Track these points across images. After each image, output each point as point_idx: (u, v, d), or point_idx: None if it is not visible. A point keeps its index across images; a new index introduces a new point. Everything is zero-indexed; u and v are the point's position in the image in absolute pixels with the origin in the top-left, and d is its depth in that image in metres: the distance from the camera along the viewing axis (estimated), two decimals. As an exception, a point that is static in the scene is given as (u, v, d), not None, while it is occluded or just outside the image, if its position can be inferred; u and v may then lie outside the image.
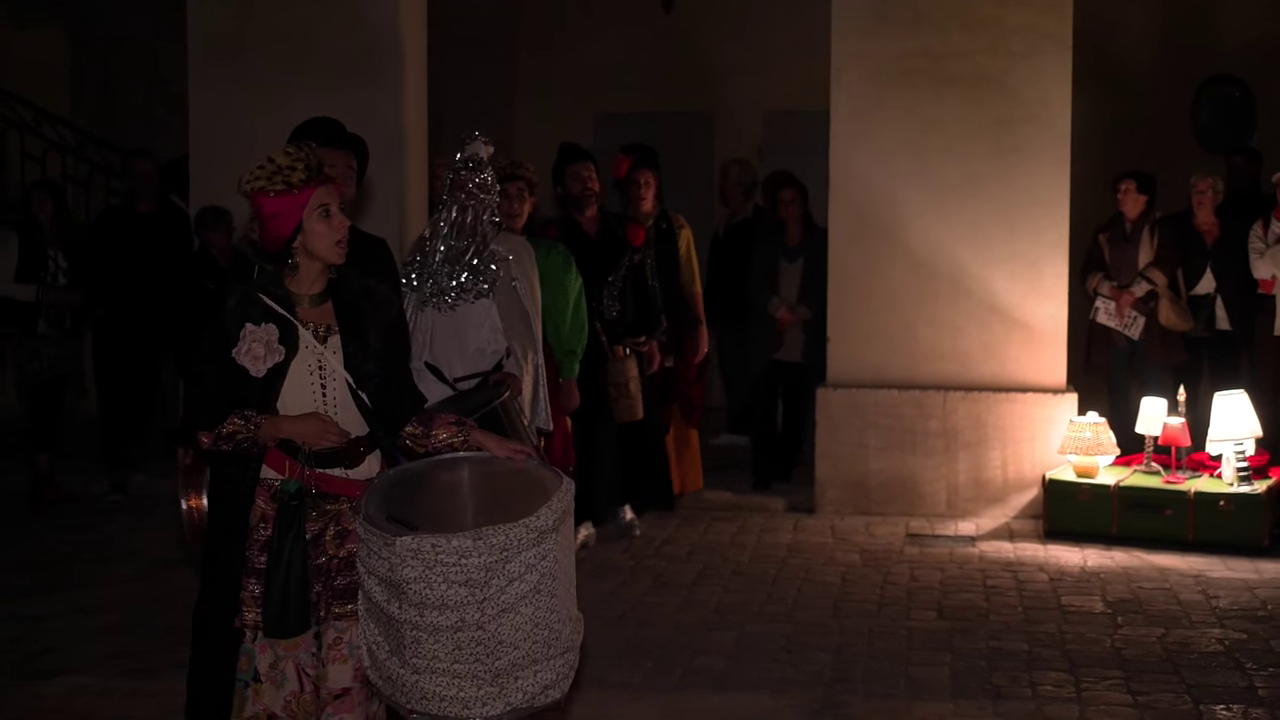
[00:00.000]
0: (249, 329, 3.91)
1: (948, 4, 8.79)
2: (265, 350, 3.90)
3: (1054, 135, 8.77)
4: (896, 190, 8.89)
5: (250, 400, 3.90)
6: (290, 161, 3.91)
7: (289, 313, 3.96)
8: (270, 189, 3.88)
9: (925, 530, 8.56)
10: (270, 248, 3.96)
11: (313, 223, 3.93)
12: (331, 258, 3.98)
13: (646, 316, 8.23)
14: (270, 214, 3.89)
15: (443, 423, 4.10)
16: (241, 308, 3.95)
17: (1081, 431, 8.34)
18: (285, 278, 4.00)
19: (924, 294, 8.90)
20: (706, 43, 13.12)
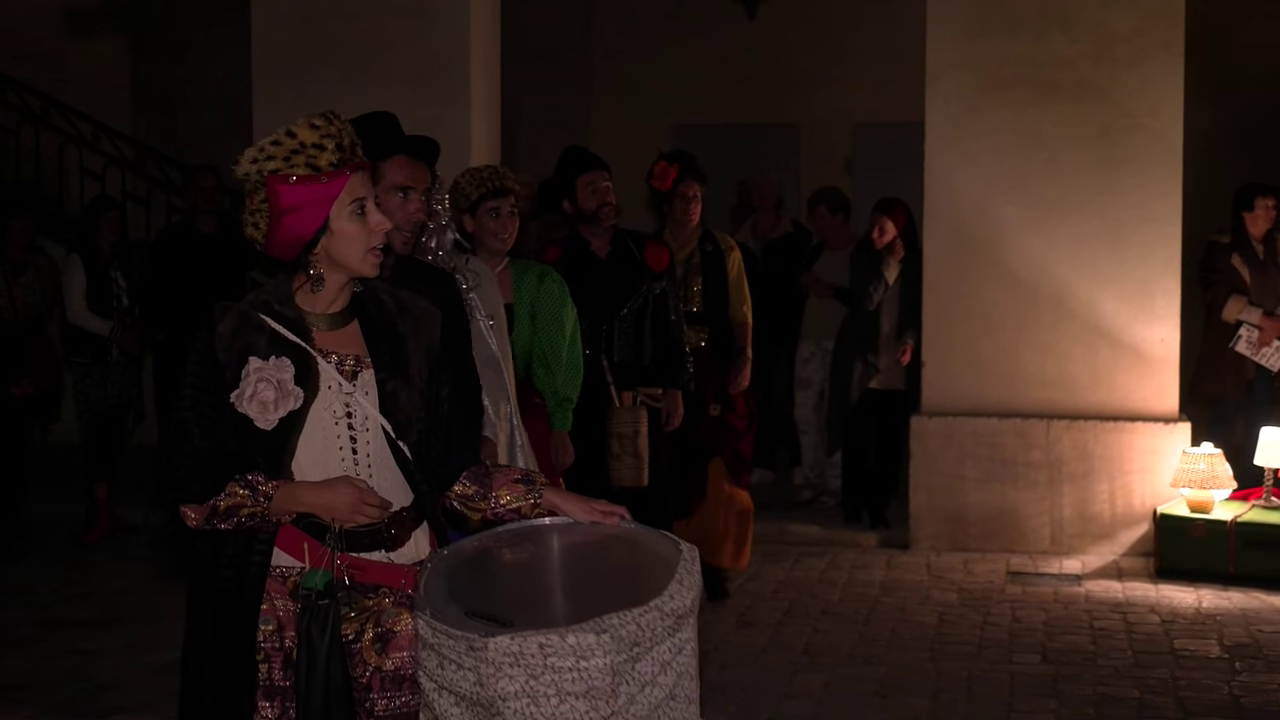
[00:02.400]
0: (253, 365, 3.15)
1: (1050, 9, 8.74)
2: (276, 393, 3.15)
3: (1164, 146, 8.69)
4: (995, 206, 8.83)
5: (254, 460, 3.14)
6: (317, 138, 3.17)
7: (303, 340, 3.21)
8: (290, 173, 3.14)
9: (1028, 568, 8.48)
10: (280, 252, 3.22)
11: (343, 222, 3.19)
12: (362, 269, 3.24)
13: (668, 361, 7.15)
14: (288, 207, 3.15)
15: (505, 481, 3.39)
16: (240, 334, 3.18)
17: (1196, 463, 8.23)
18: (295, 293, 3.26)
19: (1025, 316, 8.83)
20: (792, 51, 13.12)
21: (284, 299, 3.26)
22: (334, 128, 3.19)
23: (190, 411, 3.15)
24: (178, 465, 3.16)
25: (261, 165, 3.16)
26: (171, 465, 3.17)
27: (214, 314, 3.24)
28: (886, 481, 9.36)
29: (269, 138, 3.20)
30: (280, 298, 3.26)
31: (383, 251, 3.26)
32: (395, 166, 4.08)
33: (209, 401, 3.15)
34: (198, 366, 3.19)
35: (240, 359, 3.16)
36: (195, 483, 3.14)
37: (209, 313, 3.25)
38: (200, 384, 3.17)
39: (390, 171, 4.06)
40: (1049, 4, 8.74)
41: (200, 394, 3.16)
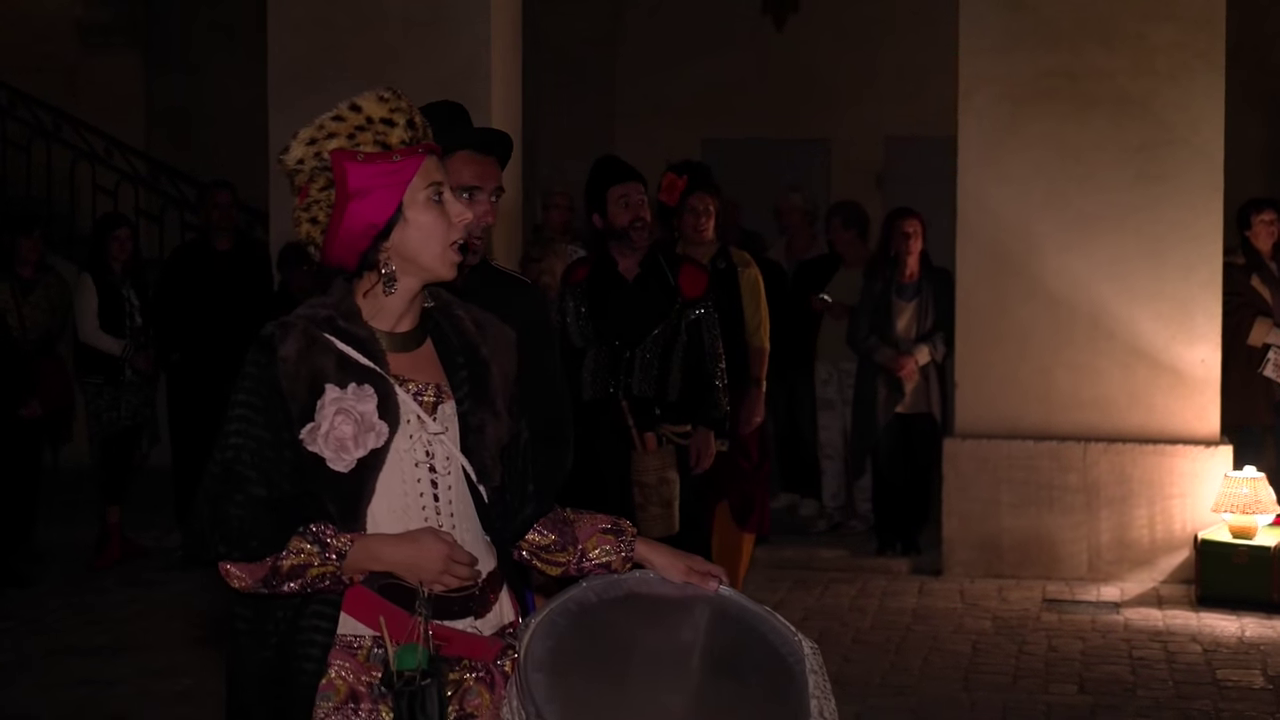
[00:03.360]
0: (331, 395, 2.71)
1: (1087, 20, 8.73)
2: (356, 429, 2.70)
3: (1205, 162, 8.66)
4: (1030, 223, 8.81)
5: (321, 509, 2.71)
6: (386, 111, 2.77)
7: (377, 364, 2.77)
8: (356, 150, 2.74)
9: (1064, 595, 8.44)
10: (341, 251, 2.78)
11: (418, 210, 2.76)
12: (440, 269, 2.80)
13: (700, 396, 6.52)
14: (357, 189, 2.72)
15: (592, 530, 3.02)
16: (307, 358, 2.74)
17: (1238, 487, 8.20)
18: (361, 305, 2.82)
19: (1061, 336, 8.81)
20: (821, 63, 13.15)
21: (349, 313, 2.80)
22: (403, 103, 2.81)
23: (243, 450, 2.70)
24: (227, 516, 2.67)
25: (321, 145, 2.75)
26: (220, 516, 2.68)
27: (271, 333, 2.77)
28: (918, 508, 9.33)
29: (328, 113, 2.79)
30: (345, 312, 2.80)
31: (461, 252, 2.85)
32: (460, 163, 3.62)
33: (267, 439, 2.71)
34: (253, 396, 2.72)
35: (311, 387, 2.72)
36: (251, 537, 2.66)
37: (262, 332, 2.79)
38: (256, 418, 2.72)
39: (455, 169, 3.50)
40: (1086, 15, 8.73)
41: (256, 429, 2.71)
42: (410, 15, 8.75)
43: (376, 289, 2.81)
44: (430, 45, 8.96)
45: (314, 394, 2.73)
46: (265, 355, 2.75)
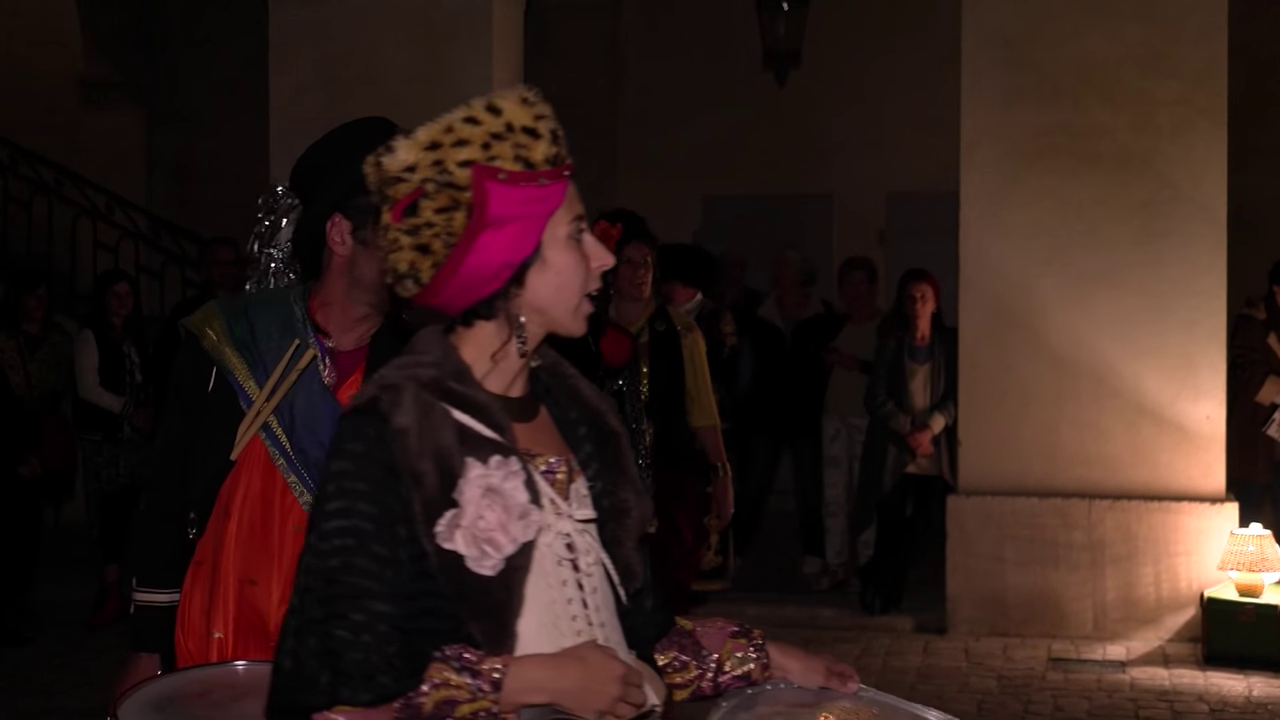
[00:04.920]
0: (475, 471, 2.16)
1: (1089, 77, 8.76)
2: (505, 516, 2.16)
3: (1207, 218, 8.67)
4: (1033, 279, 8.82)
5: (457, 627, 2.16)
6: (531, 119, 2.25)
7: (504, 437, 2.24)
8: (496, 166, 2.20)
9: (1070, 654, 8.40)
10: (453, 296, 2.25)
11: (559, 249, 2.27)
12: (573, 324, 2.31)
13: None
14: (497, 217, 2.19)
15: (720, 635, 2.55)
16: (429, 429, 2.18)
17: (1244, 545, 8.17)
18: (471, 364, 2.28)
19: (1065, 392, 8.80)
20: (823, 119, 13.19)
21: (459, 373, 2.25)
22: (548, 109, 2.30)
23: (355, 554, 2.12)
24: (343, 645, 2.10)
25: (447, 154, 2.20)
26: (332, 646, 2.10)
27: (378, 399, 2.20)
28: (902, 567, 9.29)
29: (456, 112, 2.26)
30: (453, 371, 2.25)
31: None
32: None
33: (386, 538, 2.14)
34: (360, 482, 2.15)
35: (441, 471, 2.16)
36: (381, 670, 2.10)
37: (367, 399, 2.22)
38: (368, 509, 2.14)
39: None
40: (1087, 71, 8.76)
41: (367, 525, 2.14)
42: (412, 69, 8.78)
43: (489, 344, 2.29)
44: (432, 99, 8.93)
45: (444, 475, 2.16)
46: (373, 427, 2.17)
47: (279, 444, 3.33)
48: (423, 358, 2.27)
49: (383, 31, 8.85)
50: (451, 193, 2.20)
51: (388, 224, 2.25)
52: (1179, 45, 8.67)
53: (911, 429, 9.09)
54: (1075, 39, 8.76)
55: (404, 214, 2.23)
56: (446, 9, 8.87)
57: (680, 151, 13.35)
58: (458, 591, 2.15)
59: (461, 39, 8.86)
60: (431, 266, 2.22)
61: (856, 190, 13.20)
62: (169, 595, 3.44)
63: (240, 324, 3.41)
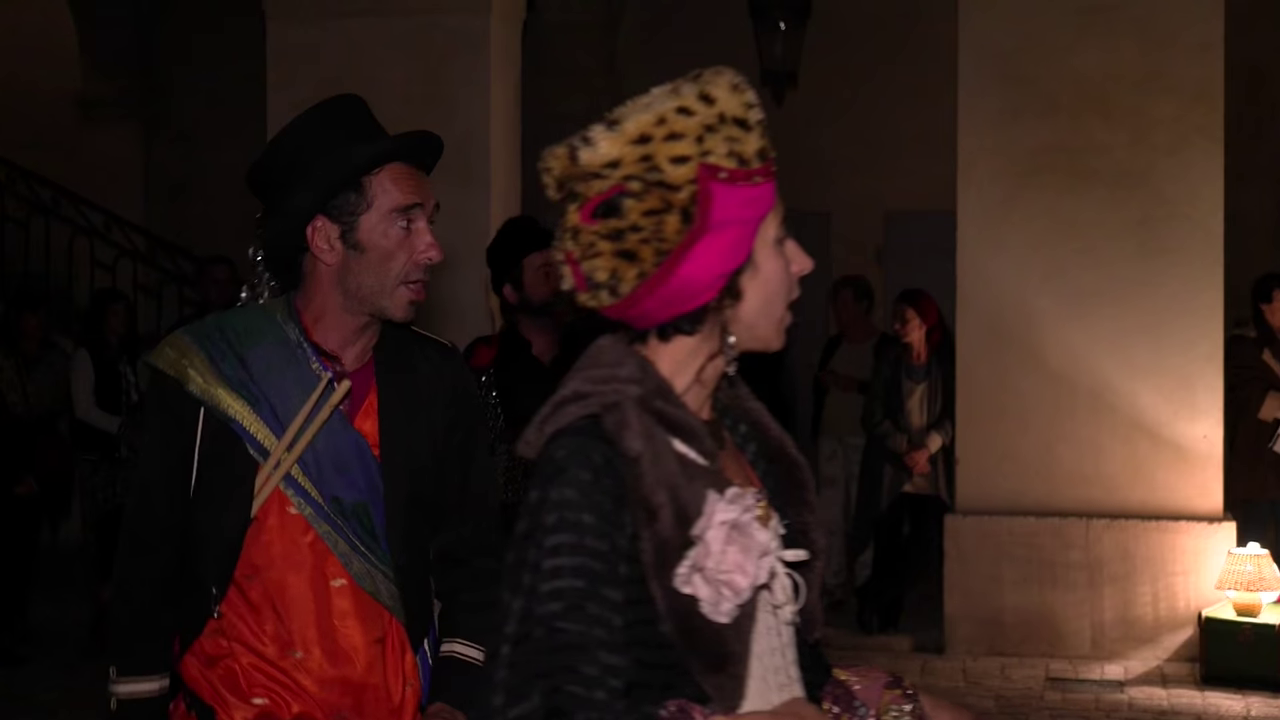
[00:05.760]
0: (716, 505, 1.93)
1: (1086, 94, 8.77)
2: (743, 559, 1.92)
3: (1205, 236, 8.68)
4: (1030, 297, 8.82)
5: (675, 680, 1.94)
6: (742, 108, 2.03)
7: (714, 465, 2.02)
8: (720, 164, 1.98)
9: (1068, 673, 8.39)
10: (656, 307, 2.00)
11: (768, 257, 2.07)
12: (775, 339, 2.10)
13: None
14: (719, 221, 1.97)
15: (875, 687, 2.31)
16: (659, 457, 1.94)
17: (1242, 564, 8.16)
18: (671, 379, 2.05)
19: (1062, 411, 8.80)
20: (821, 137, 13.18)
21: (665, 393, 2.00)
22: (755, 95, 2.05)
23: (583, 601, 1.86)
24: (576, 707, 1.84)
25: (658, 149, 1.94)
26: (560, 706, 1.84)
27: (600, 418, 1.96)
28: (900, 585, 9.28)
29: (665, 99, 1.99)
30: (657, 390, 2.00)
31: None
32: (393, 178, 2.99)
33: (614, 580, 1.89)
34: (587, 514, 1.89)
35: (675, 503, 1.91)
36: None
37: (583, 417, 1.98)
38: (597, 546, 1.89)
39: (387, 187, 2.97)
40: (1084, 89, 8.77)
41: (594, 565, 1.88)
42: (410, 88, 8.79)
43: (688, 361, 2.03)
44: (430, 119, 8.95)
45: (678, 509, 1.91)
46: (599, 451, 1.92)
47: (304, 492, 2.91)
48: (617, 371, 1.99)
49: (381, 50, 8.86)
50: (663, 193, 1.95)
51: (577, 225, 1.99)
52: (1175, 62, 8.68)
53: (908, 448, 9.09)
54: (1072, 56, 8.77)
55: (596, 214, 1.98)
56: (445, 28, 8.88)
57: (678, 170, 13.34)
58: (688, 641, 1.90)
59: (460, 58, 8.87)
60: (636, 276, 1.96)
61: (854, 209, 13.20)
62: (157, 683, 3.03)
63: (227, 359, 2.94)
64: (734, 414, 2.19)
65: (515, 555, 1.92)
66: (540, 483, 1.93)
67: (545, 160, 2.03)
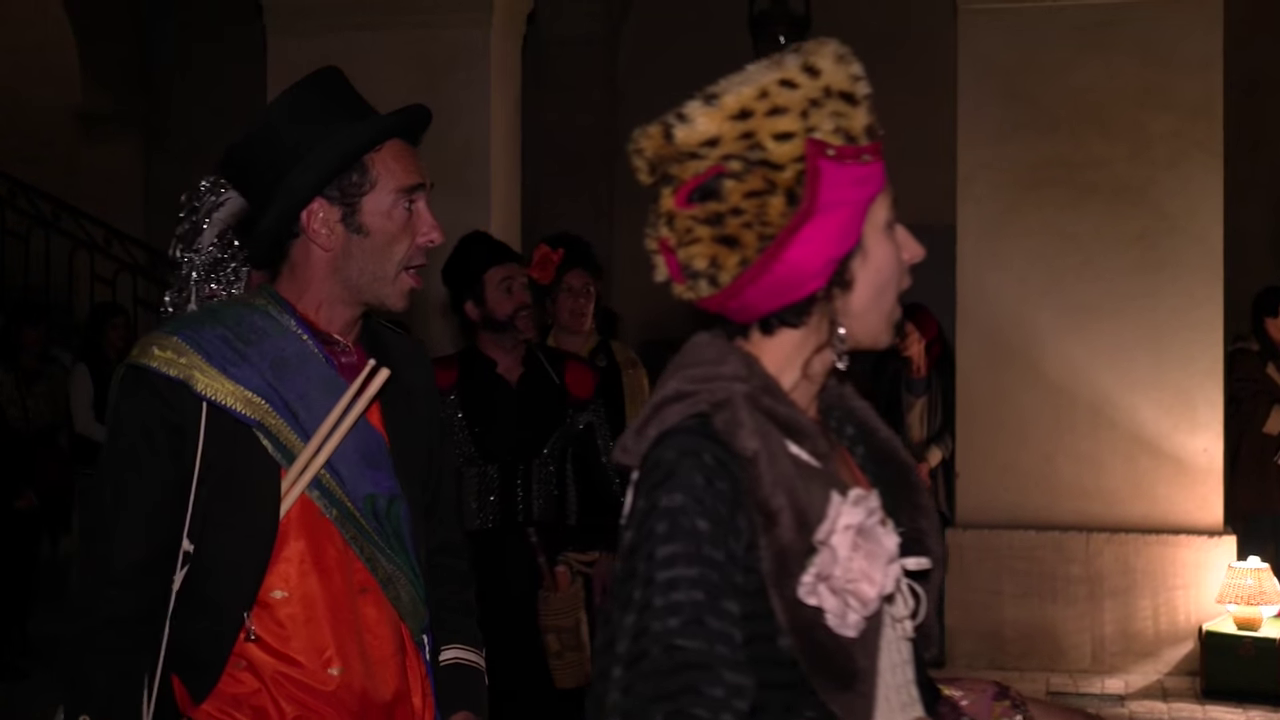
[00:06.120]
0: (839, 508, 1.79)
1: (1085, 109, 8.78)
2: (869, 566, 1.77)
3: (1204, 249, 8.68)
4: (1030, 311, 8.82)
5: (797, 700, 1.80)
6: (848, 81, 1.92)
7: (828, 468, 1.88)
8: (827, 141, 1.85)
9: (1068, 687, 8.38)
10: (759, 298, 1.86)
11: (878, 242, 1.94)
12: (884, 332, 1.98)
13: (600, 513, 5.47)
14: (828, 202, 1.83)
15: (981, 701, 2.21)
16: (777, 458, 1.80)
17: (1242, 578, 8.15)
18: (778, 376, 1.91)
19: (1062, 425, 8.79)
20: (820, 152, 13.20)
21: (773, 390, 1.86)
22: (861, 67, 1.95)
23: (702, 614, 1.71)
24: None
25: (760, 125, 1.80)
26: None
27: (709, 416, 1.82)
28: None
29: (766, 71, 1.85)
30: (765, 387, 1.85)
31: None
32: (395, 156, 2.92)
33: (733, 592, 1.75)
34: (705, 521, 1.74)
35: (795, 508, 1.77)
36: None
37: (693, 415, 1.83)
38: (718, 559, 1.74)
39: (391, 166, 2.88)
40: (1083, 104, 8.78)
41: (719, 577, 1.74)
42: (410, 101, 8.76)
43: (793, 356, 1.89)
44: (430, 131, 8.97)
45: (798, 514, 1.77)
46: (711, 452, 1.77)
47: (329, 494, 2.67)
48: (720, 369, 1.84)
49: (380, 63, 8.85)
50: (766, 173, 1.81)
51: (672, 210, 1.90)
52: (1174, 77, 8.69)
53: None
54: (1071, 71, 8.77)
55: (693, 198, 1.87)
56: (445, 41, 8.89)
57: (677, 184, 13.35)
58: (812, 657, 1.75)
59: (460, 71, 8.88)
60: (738, 264, 1.82)
61: (854, 223, 13.21)
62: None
63: (229, 356, 2.64)
64: (839, 413, 2.06)
65: (624, 568, 1.79)
66: (647, 489, 1.79)
67: (637, 141, 1.93)
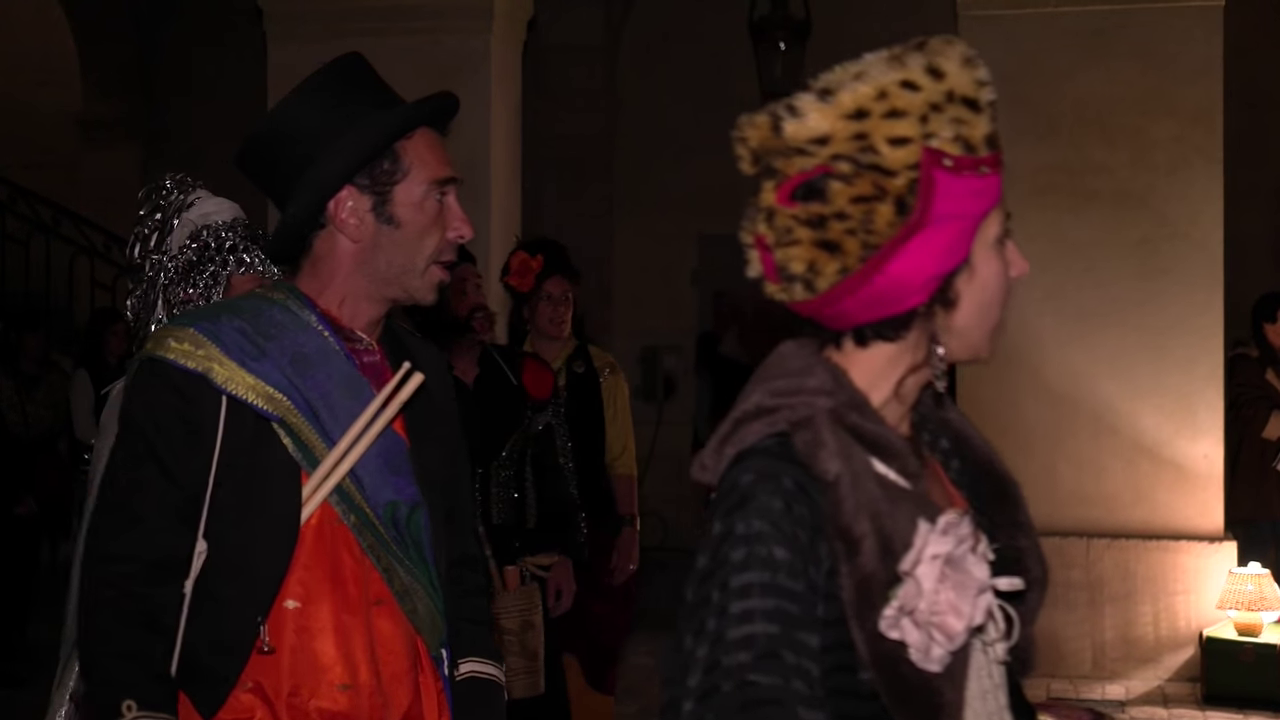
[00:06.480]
0: (929, 539, 1.68)
1: (1086, 116, 8.78)
2: (958, 597, 1.67)
3: (1205, 256, 8.68)
4: (1031, 317, 8.82)
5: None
6: (973, 86, 1.85)
7: (918, 488, 1.79)
8: (944, 150, 1.77)
9: (1069, 693, 8.36)
10: (856, 307, 1.77)
11: (986, 257, 1.87)
12: (985, 347, 1.90)
13: (557, 519, 5.52)
14: (942, 214, 1.76)
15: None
16: (860, 480, 1.71)
17: (1243, 584, 8.15)
18: (868, 392, 1.83)
19: (1063, 431, 8.79)
20: (820, 158, 13.20)
21: (861, 406, 1.77)
22: (987, 71, 1.85)
23: (782, 649, 1.63)
24: None
25: (875, 126, 1.71)
26: None
27: (788, 436, 1.74)
28: None
29: (887, 73, 1.76)
30: (852, 403, 1.77)
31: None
32: (428, 146, 2.75)
33: (809, 623, 1.66)
34: (783, 549, 1.66)
35: (879, 534, 1.67)
36: None
37: (772, 434, 1.75)
38: (796, 590, 1.66)
39: (425, 157, 2.72)
40: (1085, 110, 8.78)
41: (798, 609, 1.66)
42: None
43: (886, 370, 1.81)
44: (430, 140, 9.00)
45: (883, 541, 1.67)
46: (790, 475, 1.69)
47: (348, 498, 2.54)
48: (805, 381, 1.75)
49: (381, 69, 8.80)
50: (877, 178, 1.71)
51: (773, 206, 1.76)
52: (1175, 84, 8.69)
53: None
54: (1072, 78, 8.77)
55: (795, 196, 1.74)
56: (444, 49, 8.89)
57: (677, 191, 13.35)
58: (895, 692, 1.66)
59: (459, 80, 8.86)
60: (838, 271, 1.73)
61: (854, 229, 13.21)
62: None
63: (248, 351, 2.49)
64: (932, 427, 1.96)
65: (696, 594, 1.70)
66: (723, 513, 1.70)
67: (742, 129, 1.80)
